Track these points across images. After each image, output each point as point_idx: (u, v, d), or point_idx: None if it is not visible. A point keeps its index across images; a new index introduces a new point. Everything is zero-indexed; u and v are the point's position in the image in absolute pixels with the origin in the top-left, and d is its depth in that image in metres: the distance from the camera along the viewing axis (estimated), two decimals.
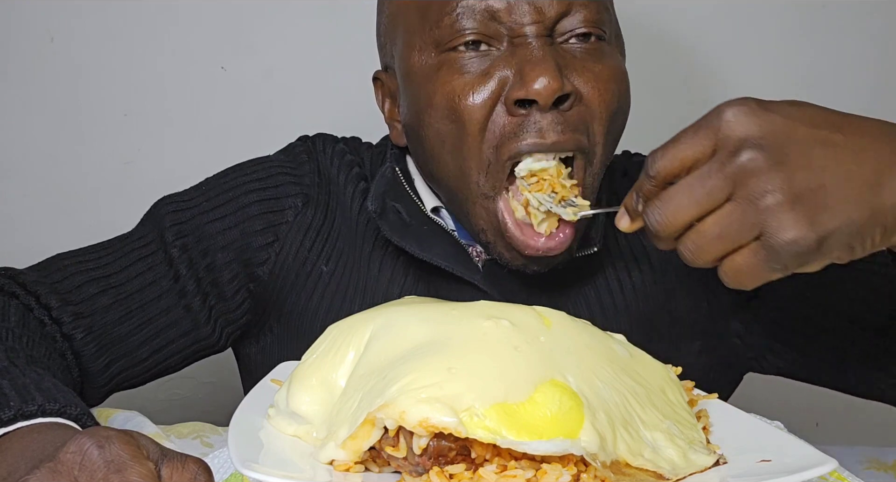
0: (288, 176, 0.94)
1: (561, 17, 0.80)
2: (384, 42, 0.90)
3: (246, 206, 0.92)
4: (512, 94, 0.79)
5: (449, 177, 0.85)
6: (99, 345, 0.86)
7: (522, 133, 0.80)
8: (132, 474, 0.47)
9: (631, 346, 0.69)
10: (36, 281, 0.85)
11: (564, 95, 0.79)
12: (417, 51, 0.84)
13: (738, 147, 0.58)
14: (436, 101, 0.82)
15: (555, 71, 0.78)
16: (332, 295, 0.91)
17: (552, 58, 0.79)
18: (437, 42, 0.82)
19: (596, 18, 0.81)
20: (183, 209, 0.92)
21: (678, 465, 0.58)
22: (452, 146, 0.83)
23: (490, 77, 0.80)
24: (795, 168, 0.57)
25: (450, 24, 0.81)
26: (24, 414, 0.61)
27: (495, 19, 0.80)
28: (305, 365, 0.65)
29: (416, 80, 0.84)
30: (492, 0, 0.80)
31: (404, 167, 0.94)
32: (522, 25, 0.80)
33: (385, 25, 0.90)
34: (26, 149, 1.42)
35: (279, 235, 0.92)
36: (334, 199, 0.93)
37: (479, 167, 0.82)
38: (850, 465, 0.80)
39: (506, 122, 0.80)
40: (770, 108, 0.59)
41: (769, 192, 0.57)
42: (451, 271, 0.88)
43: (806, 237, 0.56)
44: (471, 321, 0.61)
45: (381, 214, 0.90)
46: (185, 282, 0.90)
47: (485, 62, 0.81)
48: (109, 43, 1.39)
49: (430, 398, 0.54)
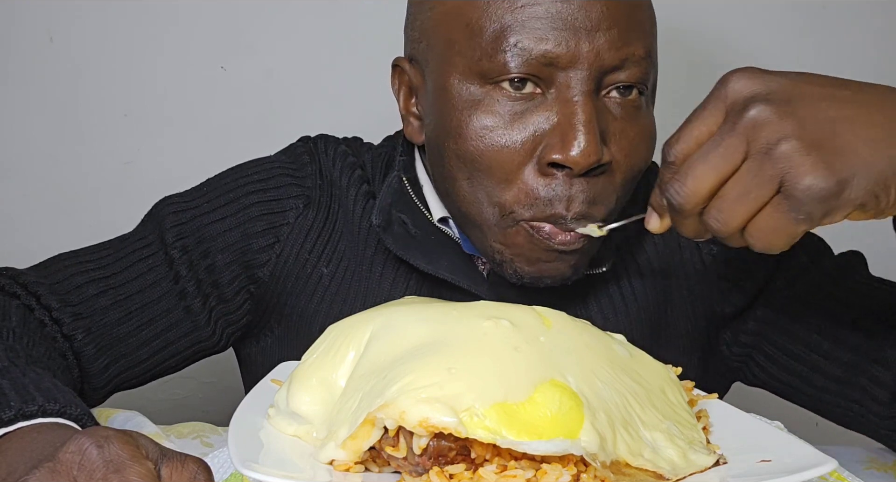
0: (289, 177, 0.93)
1: (614, 69, 0.77)
2: (418, 37, 0.85)
3: (247, 208, 0.91)
4: (548, 155, 0.76)
5: (462, 200, 0.83)
6: (98, 346, 0.85)
7: (552, 199, 0.77)
8: (131, 474, 0.47)
9: (631, 346, 0.69)
10: (36, 281, 0.85)
11: (600, 164, 0.77)
12: (459, 73, 0.79)
13: (746, 104, 0.58)
14: (466, 134, 0.79)
15: (596, 141, 0.75)
16: (333, 297, 0.91)
17: (595, 123, 0.75)
18: (482, 73, 0.78)
19: (642, 78, 0.79)
20: (184, 210, 0.92)
21: (678, 465, 0.58)
22: (470, 178, 0.80)
23: (528, 127, 0.77)
24: (805, 117, 0.57)
25: (502, 61, 0.76)
26: (24, 414, 0.61)
27: (551, 65, 0.76)
28: (305, 365, 0.65)
29: (450, 101, 0.80)
30: (550, 46, 0.75)
31: (413, 176, 0.92)
32: (575, 77, 0.76)
33: (424, 23, 0.84)
34: (26, 149, 1.42)
35: (280, 237, 0.91)
36: (336, 201, 0.92)
37: (493, 209, 0.80)
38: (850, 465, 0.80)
39: (535, 183, 0.78)
40: (773, 73, 0.61)
41: (783, 140, 0.56)
42: (457, 284, 0.87)
43: (826, 180, 0.56)
44: (471, 321, 0.61)
45: (385, 228, 0.88)
46: (186, 283, 0.89)
47: (527, 108, 0.77)
48: (109, 43, 1.39)
49: (429, 398, 0.54)
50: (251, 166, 0.94)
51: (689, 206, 0.60)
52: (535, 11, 0.76)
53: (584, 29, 0.76)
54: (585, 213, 0.78)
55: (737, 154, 0.58)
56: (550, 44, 0.76)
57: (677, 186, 0.60)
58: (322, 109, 1.42)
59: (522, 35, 0.76)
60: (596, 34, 0.76)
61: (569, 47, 0.75)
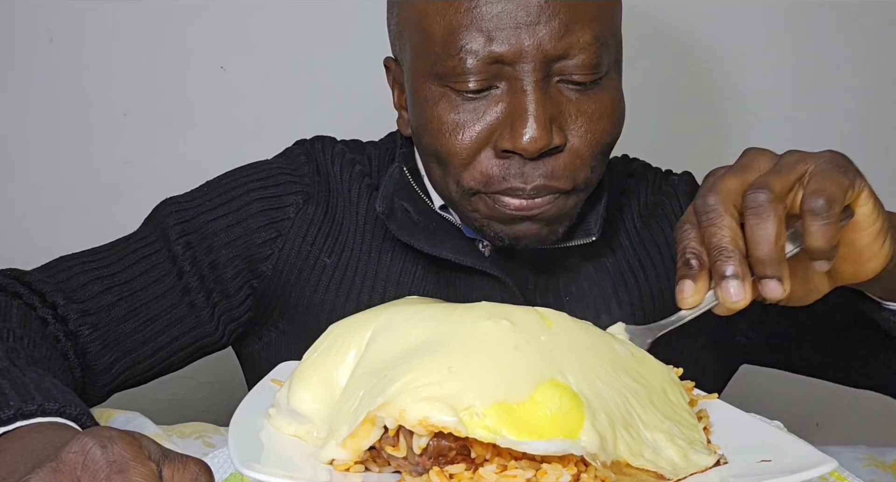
0: (287, 176, 0.95)
1: (560, 58, 0.81)
2: (395, 38, 0.90)
3: (247, 204, 0.93)
4: (500, 144, 0.82)
5: (437, 185, 0.89)
6: (104, 342, 0.87)
7: (506, 177, 0.83)
8: (135, 474, 0.47)
9: (632, 346, 0.69)
10: (41, 280, 0.86)
11: (551, 147, 0.81)
12: (422, 76, 0.84)
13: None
14: (429, 129, 0.84)
15: (543, 127, 0.79)
16: (338, 286, 0.93)
17: (543, 110, 0.80)
18: (439, 75, 0.83)
19: (594, 63, 0.82)
20: (185, 209, 0.94)
21: (679, 465, 0.58)
22: (439, 164, 0.86)
23: (482, 120, 0.82)
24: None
25: (453, 65, 0.81)
26: (23, 413, 0.61)
27: (498, 62, 0.80)
28: (307, 363, 0.65)
29: (418, 100, 0.86)
30: (495, 46, 0.80)
31: (413, 166, 0.96)
32: (522, 71, 0.80)
33: (394, 26, 0.90)
34: (26, 149, 1.42)
35: (281, 231, 0.93)
36: (335, 195, 0.95)
37: (460, 189, 0.85)
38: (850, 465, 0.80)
39: (492, 163, 0.83)
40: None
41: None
42: (460, 262, 0.90)
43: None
44: (471, 321, 0.61)
45: (389, 215, 0.91)
46: (189, 279, 0.91)
47: (481, 104, 0.82)
48: (109, 43, 1.40)
49: (429, 397, 0.54)
50: (249, 168, 0.97)
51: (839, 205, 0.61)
52: (479, 13, 0.80)
53: (525, 24, 0.79)
54: (544, 186, 0.82)
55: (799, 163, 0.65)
56: (495, 44, 0.80)
57: (824, 231, 0.61)
58: (321, 109, 1.42)
59: (468, 38, 0.80)
60: (537, 27, 0.79)
61: (511, 44, 0.79)
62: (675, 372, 0.70)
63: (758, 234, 0.60)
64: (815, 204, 0.60)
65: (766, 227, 0.60)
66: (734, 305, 0.61)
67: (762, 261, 0.60)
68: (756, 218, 0.60)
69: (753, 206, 0.60)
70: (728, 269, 0.61)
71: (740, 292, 0.61)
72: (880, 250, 0.66)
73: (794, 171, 0.62)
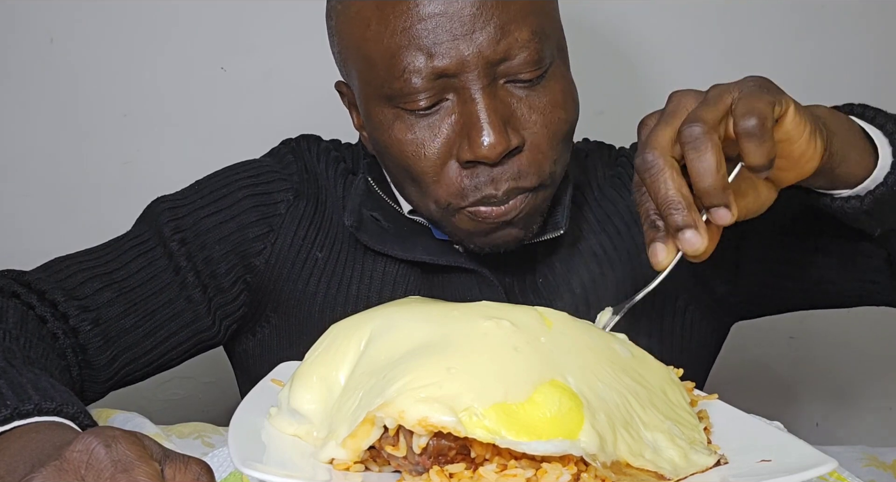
0: (276, 174, 0.97)
1: (502, 61, 0.81)
2: (341, 63, 0.91)
3: (240, 201, 0.95)
4: (461, 155, 0.82)
5: (415, 204, 0.89)
6: (105, 338, 0.87)
7: (477, 187, 0.83)
8: (139, 474, 0.47)
9: (632, 346, 0.69)
10: (40, 279, 0.87)
11: (512, 149, 0.82)
12: (373, 100, 0.85)
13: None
14: (391, 152, 0.85)
15: (499, 131, 0.80)
16: (329, 280, 0.94)
17: (496, 115, 0.80)
18: (388, 97, 0.83)
19: (536, 58, 0.82)
20: (178, 206, 0.95)
21: (679, 466, 0.58)
22: (414, 185, 0.86)
23: (439, 135, 0.83)
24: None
25: (399, 87, 0.81)
26: (20, 413, 0.61)
27: (443, 76, 0.81)
28: (307, 363, 0.65)
29: (373, 124, 0.86)
30: (437, 61, 0.80)
31: (379, 174, 0.97)
32: (467, 80, 0.80)
33: (338, 53, 0.90)
34: (26, 149, 1.42)
35: (273, 226, 0.94)
36: (324, 191, 0.97)
37: (437, 205, 0.86)
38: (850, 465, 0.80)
39: (460, 175, 0.83)
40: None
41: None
42: (436, 262, 0.91)
43: None
44: (471, 321, 0.61)
45: (358, 227, 0.92)
46: (186, 273, 0.92)
47: (435, 119, 0.83)
48: (109, 43, 1.40)
49: (428, 397, 0.54)
50: (239, 166, 0.99)
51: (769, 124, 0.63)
52: (415, 32, 0.80)
53: (461, 35, 0.80)
54: (515, 187, 0.83)
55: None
56: (436, 59, 0.80)
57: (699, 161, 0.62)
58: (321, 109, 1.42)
59: (410, 58, 0.80)
60: (473, 36, 0.80)
61: (452, 57, 0.80)
62: (676, 372, 0.71)
63: (698, 166, 0.62)
64: (747, 124, 0.62)
65: (705, 158, 0.62)
66: (697, 254, 0.64)
67: (707, 193, 0.62)
68: (695, 152, 0.62)
69: (689, 141, 0.62)
70: (678, 220, 0.63)
71: (697, 239, 0.63)
72: (815, 151, 0.68)
73: (722, 100, 0.64)
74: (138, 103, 1.42)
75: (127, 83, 1.41)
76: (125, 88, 1.41)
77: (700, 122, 0.63)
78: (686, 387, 0.70)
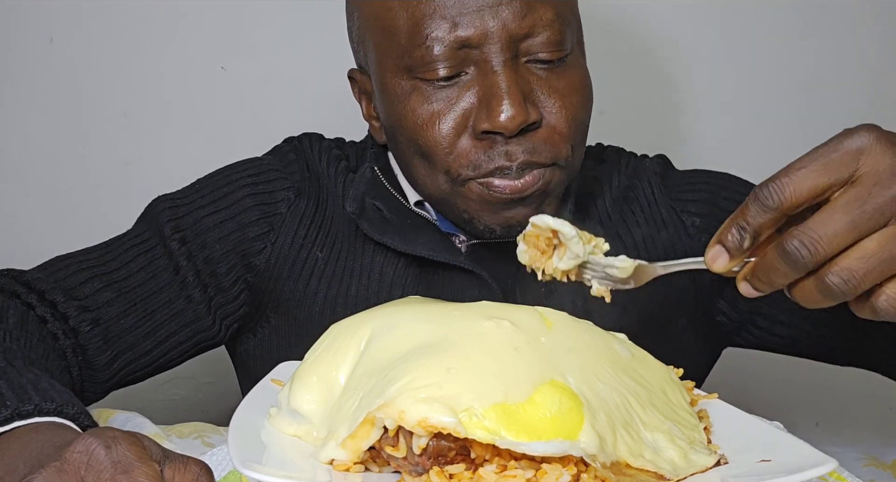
0: (278, 172, 0.97)
1: (524, 38, 0.82)
2: (357, 46, 0.92)
3: (240, 200, 0.94)
4: (478, 125, 0.82)
5: (423, 182, 0.89)
6: (105, 338, 0.87)
7: (491, 158, 0.83)
8: (139, 475, 0.47)
9: (633, 346, 0.69)
10: (40, 278, 0.87)
11: (530, 123, 0.82)
12: (390, 72, 0.86)
13: (892, 176, 0.55)
14: (405, 124, 0.85)
15: (519, 103, 0.80)
16: (329, 280, 0.94)
17: (517, 88, 0.81)
18: (408, 68, 0.84)
19: (558, 39, 0.83)
20: (178, 205, 0.94)
21: (679, 466, 0.58)
22: (423, 159, 0.86)
23: (457, 106, 0.83)
24: None
25: (420, 55, 0.82)
26: (20, 413, 0.61)
27: (465, 46, 0.82)
28: (307, 363, 0.65)
29: (389, 98, 0.87)
30: (460, 30, 0.81)
31: (385, 165, 0.97)
32: (489, 53, 0.81)
33: (356, 32, 0.91)
34: (26, 149, 1.42)
35: (274, 226, 0.94)
36: (325, 190, 0.97)
37: (448, 178, 0.86)
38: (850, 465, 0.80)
39: (474, 146, 0.83)
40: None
41: None
42: (434, 258, 0.91)
43: None
44: (471, 321, 0.61)
45: (360, 214, 0.93)
46: (186, 273, 0.92)
47: (453, 91, 0.83)
48: (109, 43, 1.40)
49: (428, 398, 0.54)
50: (241, 165, 0.98)
51: (819, 261, 0.56)
52: (441, 1, 0.81)
53: (487, 6, 0.81)
54: (529, 161, 0.83)
55: (881, 218, 0.55)
56: (460, 28, 0.81)
57: (812, 239, 0.55)
58: (322, 109, 1.42)
59: (433, 26, 0.81)
60: (499, 9, 0.81)
61: (476, 27, 0.81)
62: (676, 372, 0.70)
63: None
64: (843, 287, 0.56)
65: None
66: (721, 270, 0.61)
67: (761, 272, 0.59)
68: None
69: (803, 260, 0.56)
70: (730, 238, 0.59)
71: (720, 260, 0.61)
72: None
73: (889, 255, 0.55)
74: (138, 103, 1.42)
75: (127, 83, 1.41)
76: (125, 88, 1.41)
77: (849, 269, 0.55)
78: (686, 386, 0.70)
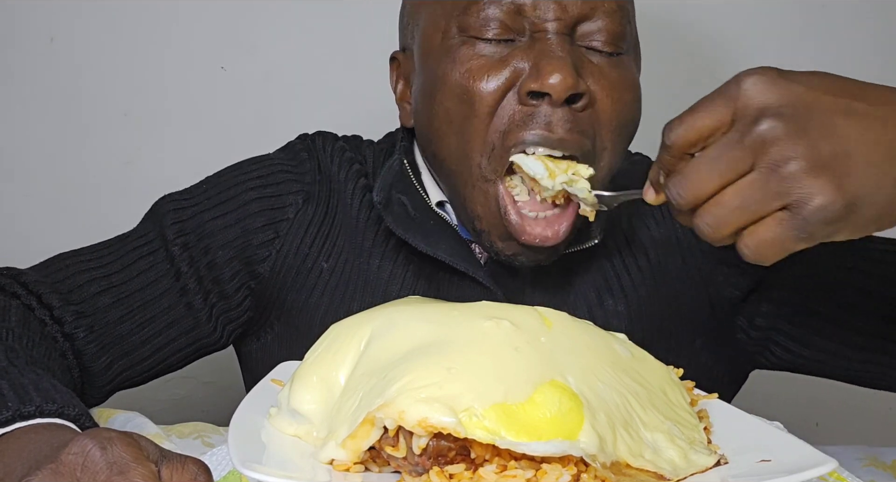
0: (288, 173, 0.94)
1: (583, 18, 0.81)
2: (407, 22, 0.91)
3: (246, 204, 0.92)
4: (526, 84, 0.80)
5: (451, 157, 0.85)
6: (101, 345, 0.86)
7: (531, 123, 0.80)
8: (135, 475, 0.47)
9: (633, 346, 0.69)
10: (37, 281, 0.85)
11: (577, 94, 0.79)
12: (441, 31, 0.84)
13: (758, 116, 0.57)
14: (450, 79, 0.82)
15: (571, 68, 0.78)
16: (333, 291, 0.91)
17: (570, 55, 0.79)
18: (461, 27, 0.83)
19: (618, 31, 0.82)
20: (184, 207, 0.92)
21: (679, 466, 0.58)
22: (459, 126, 0.83)
23: (507, 65, 0.81)
24: (818, 136, 0.56)
25: (476, 12, 0.81)
26: (21, 414, 0.61)
27: (520, 13, 0.81)
28: (307, 363, 0.65)
29: (434, 56, 0.85)
30: None
31: (412, 160, 0.94)
32: (545, 21, 0.80)
33: (408, 7, 0.91)
34: (26, 149, 1.42)
35: (280, 232, 0.92)
36: (335, 196, 0.93)
37: (483, 150, 0.82)
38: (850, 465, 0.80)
39: (516, 110, 0.81)
40: (790, 78, 0.59)
41: (792, 160, 0.56)
42: (455, 266, 0.88)
43: (834, 202, 0.55)
44: (471, 321, 0.61)
45: (386, 206, 0.90)
46: (187, 280, 0.90)
47: (504, 50, 0.81)
48: (109, 43, 1.40)
49: (428, 398, 0.54)
50: (250, 164, 0.95)
51: (687, 206, 0.60)
52: None
53: None
54: (567, 139, 0.80)
55: (744, 164, 0.57)
56: None
57: (679, 186, 0.60)
58: (322, 109, 1.42)
59: None
60: None
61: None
62: (676, 372, 0.70)
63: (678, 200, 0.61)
64: (707, 234, 0.60)
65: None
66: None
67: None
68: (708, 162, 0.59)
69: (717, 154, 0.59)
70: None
71: (649, 193, 0.67)
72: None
73: (742, 163, 0.58)
74: (139, 103, 1.42)
75: (127, 83, 1.41)
76: (125, 88, 1.41)
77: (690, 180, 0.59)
78: (686, 386, 0.70)
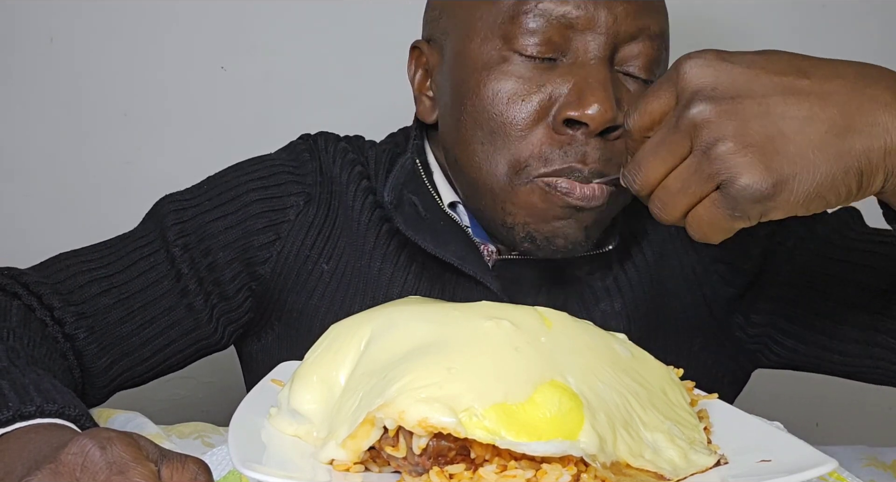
0: (290, 174, 0.93)
1: (629, 39, 0.80)
2: (437, 15, 0.89)
3: (247, 205, 0.92)
4: (564, 112, 0.78)
5: (477, 167, 0.84)
6: (101, 346, 0.86)
7: (564, 154, 0.79)
8: (135, 475, 0.47)
9: (633, 346, 0.69)
10: (38, 281, 0.85)
11: (614, 127, 0.79)
12: (480, 38, 0.82)
13: (691, 99, 0.58)
14: (483, 93, 0.81)
15: (612, 100, 0.77)
16: (333, 294, 0.91)
17: (611, 85, 0.78)
18: (504, 36, 0.81)
19: (655, 57, 0.81)
20: (184, 208, 0.92)
21: (679, 466, 0.58)
22: (487, 140, 0.82)
23: (545, 89, 0.80)
24: (749, 117, 0.57)
25: (522, 23, 0.79)
26: (22, 414, 0.61)
27: (570, 27, 0.79)
28: (307, 363, 0.65)
29: (469, 64, 0.83)
30: (570, 8, 0.79)
31: (424, 160, 0.93)
32: (591, 40, 0.79)
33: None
34: (26, 149, 1.42)
35: (281, 234, 0.92)
36: (336, 197, 0.93)
37: (511, 170, 0.81)
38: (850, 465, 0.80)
39: (549, 138, 0.80)
40: (729, 59, 0.59)
41: (720, 140, 0.57)
42: (462, 269, 0.88)
43: (761, 181, 0.56)
44: (471, 321, 0.61)
45: (396, 206, 0.90)
46: (187, 281, 0.90)
47: (544, 73, 0.80)
48: (109, 43, 1.40)
49: (429, 398, 0.54)
50: (252, 164, 0.95)
51: (644, 191, 0.62)
52: None
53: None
54: (602, 171, 0.79)
55: (681, 148, 0.59)
56: (570, 6, 0.79)
57: (633, 174, 0.62)
58: (322, 109, 1.42)
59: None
60: (615, 2, 0.79)
61: (587, 10, 0.79)
62: (676, 372, 0.70)
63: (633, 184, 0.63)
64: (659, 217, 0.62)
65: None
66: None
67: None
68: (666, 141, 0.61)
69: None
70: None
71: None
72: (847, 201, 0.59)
73: (682, 145, 0.60)
74: (138, 103, 1.42)
75: (127, 83, 1.41)
76: (125, 88, 1.41)
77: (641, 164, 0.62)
78: (686, 386, 0.70)
